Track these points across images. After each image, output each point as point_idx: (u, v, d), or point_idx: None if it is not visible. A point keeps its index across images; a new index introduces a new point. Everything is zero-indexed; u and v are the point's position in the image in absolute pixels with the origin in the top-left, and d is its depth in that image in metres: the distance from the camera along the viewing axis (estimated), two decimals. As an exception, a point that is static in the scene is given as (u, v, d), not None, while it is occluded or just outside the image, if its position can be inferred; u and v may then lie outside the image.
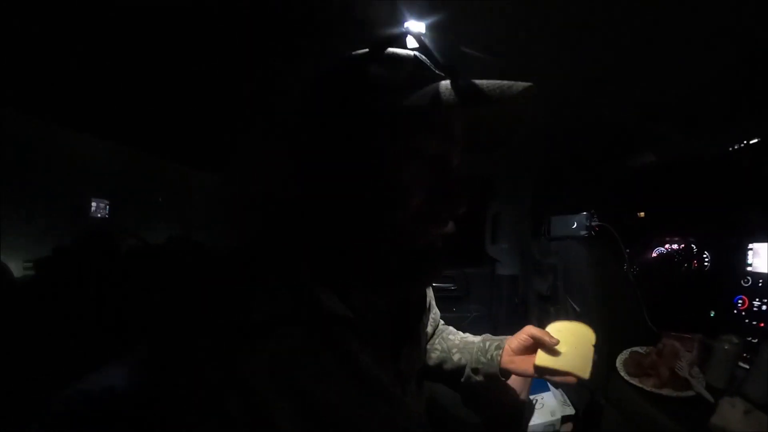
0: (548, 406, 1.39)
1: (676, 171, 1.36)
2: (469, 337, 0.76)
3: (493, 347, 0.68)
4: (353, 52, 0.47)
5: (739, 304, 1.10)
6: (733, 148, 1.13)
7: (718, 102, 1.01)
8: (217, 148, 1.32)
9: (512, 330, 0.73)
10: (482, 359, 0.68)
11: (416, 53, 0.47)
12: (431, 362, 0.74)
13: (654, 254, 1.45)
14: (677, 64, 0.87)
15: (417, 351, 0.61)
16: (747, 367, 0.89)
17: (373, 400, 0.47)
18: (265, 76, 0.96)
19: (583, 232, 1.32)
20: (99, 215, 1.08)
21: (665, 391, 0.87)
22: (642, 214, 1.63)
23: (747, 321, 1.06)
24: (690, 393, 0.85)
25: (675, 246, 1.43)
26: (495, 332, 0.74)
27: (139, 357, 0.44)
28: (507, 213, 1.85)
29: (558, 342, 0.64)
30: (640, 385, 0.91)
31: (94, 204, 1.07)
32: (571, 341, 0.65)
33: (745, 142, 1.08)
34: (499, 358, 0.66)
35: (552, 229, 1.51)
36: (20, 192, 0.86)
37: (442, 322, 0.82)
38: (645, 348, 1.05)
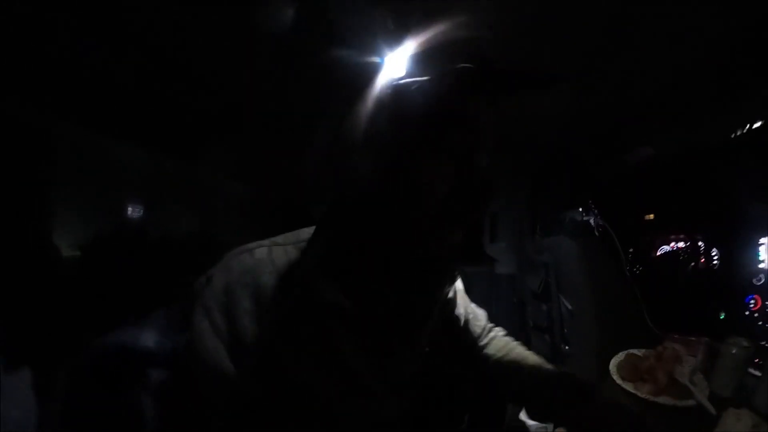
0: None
1: (677, 164, 1.24)
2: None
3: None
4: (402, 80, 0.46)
5: (751, 305, 0.98)
6: (735, 134, 1.01)
7: (717, 86, 0.91)
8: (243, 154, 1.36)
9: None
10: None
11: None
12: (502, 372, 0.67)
13: (658, 253, 1.33)
14: (669, 47, 0.79)
15: (415, 355, 0.59)
16: (758, 374, 0.77)
17: (347, 388, 0.48)
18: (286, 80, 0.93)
19: (575, 229, 1.21)
20: (134, 215, 1.32)
21: (662, 399, 0.76)
22: (651, 216, 1.51)
23: (760, 323, 0.94)
24: (690, 402, 0.74)
25: (681, 244, 1.31)
26: None
27: (156, 324, 0.50)
28: (505, 212, 1.79)
29: None
30: (634, 392, 0.80)
31: (129, 208, 1.30)
32: None
33: (748, 126, 0.96)
34: None
35: (544, 227, 1.41)
36: (73, 193, 1.05)
37: (509, 339, 0.73)
38: (643, 350, 0.94)
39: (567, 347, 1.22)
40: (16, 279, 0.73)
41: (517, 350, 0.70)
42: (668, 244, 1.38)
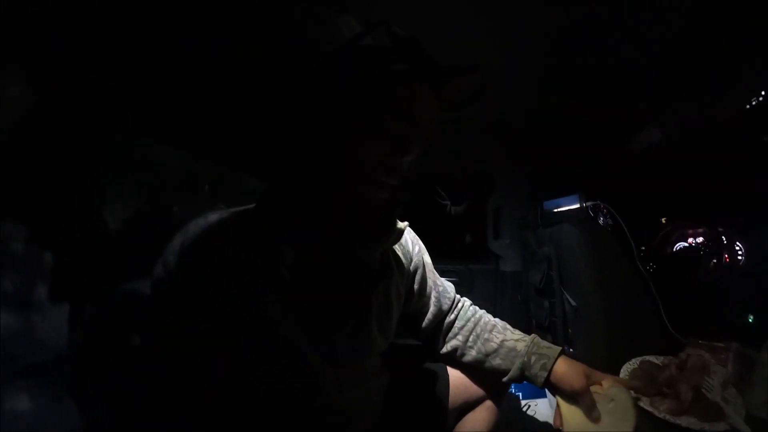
0: (542, 413, 1.17)
1: (689, 145, 1.06)
2: (510, 341, 0.68)
3: (538, 366, 0.63)
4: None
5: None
6: (750, 104, 0.83)
7: (723, 50, 0.76)
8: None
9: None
10: (526, 374, 0.65)
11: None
12: (466, 360, 0.71)
13: (674, 249, 1.17)
14: (667, 14, 0.69)
15: (366, 332, 0.56)
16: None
17: (280, 362, 0.48)
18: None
19: (575, 214, 1.06)
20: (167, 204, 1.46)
21: (685, 421, 0.60)
22: (664, 220, 1.35)
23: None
24: (722, 426, 0.58)
25: (700, 239, 1.15)
26: None
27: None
28: (508, 207, 1.69)
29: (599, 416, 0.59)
30: (651, 409, 0.64)
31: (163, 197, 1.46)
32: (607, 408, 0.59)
33: (764, 93, 0.79)
34: (542, 379, 0.63)
35: (545, 215, 1.27)
36: (120, 187, 1.21)
37: (466, 304, 0.76)
38: (661, 358, 0.77)
39: (571, 349, 1.06)
40: (71, 244, 0.87)
41: (483, 320, 0.72)
42: (686, 239, 1.22)
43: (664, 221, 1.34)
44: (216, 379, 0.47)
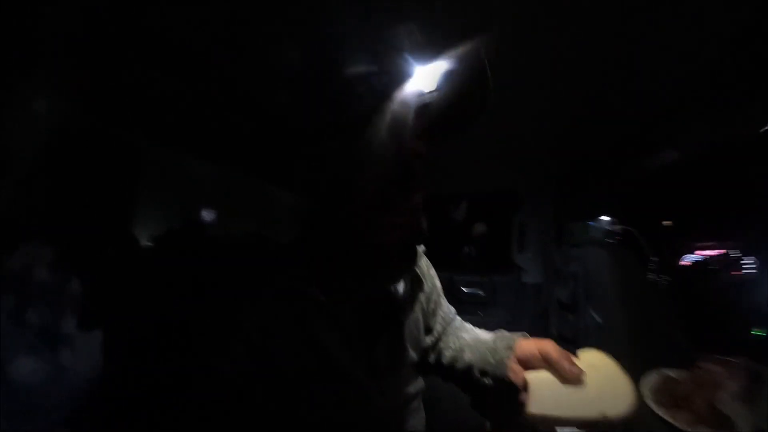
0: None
1: (704, 165, 1.10)
2: (482, 335, 0.69)
3: (502, 347, 0.59)
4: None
5: (796, 323, 0.85)
6: (765, 128, 0.87)
7: (739, 74, 0.78)
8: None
9: (534, 337, 0.62)
10: (490, 360, 0.59)
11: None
12: (445, 361, 0.69)
13: (685, 262, 1.20)
14: (684, 37, 0.68)
15: (401, 345, 0.59)
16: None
17: (331, 379, 0.49)
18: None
19: (604, 238, 1.11)
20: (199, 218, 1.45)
21: (701, 430, 0.67)
22: (668, 222, 1.37)
23: (807, 343, 0.82)
24: (733, 437, 0.64)
25: (710, 252, 1.18)
26: None
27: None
28: (531, 222, 1.72)
29: (581, 374, 0.46)
30: (671, 420, 0.70)
31: (195, 211, 1.44)
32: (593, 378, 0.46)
33: None
34: (508, 360, 0.56)
35: (573, 236, 1.32)
36: (150, 195, 1.19)
37: (458, 319, 0.77)
38: (678, 371, 0.83)
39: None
40: (103, 257, 0.85)
41: (464, 325, 0.75)
42: (694, 252, 1.25)
43: (669, 224, 1.37)
44: (276, 397, 0.48)
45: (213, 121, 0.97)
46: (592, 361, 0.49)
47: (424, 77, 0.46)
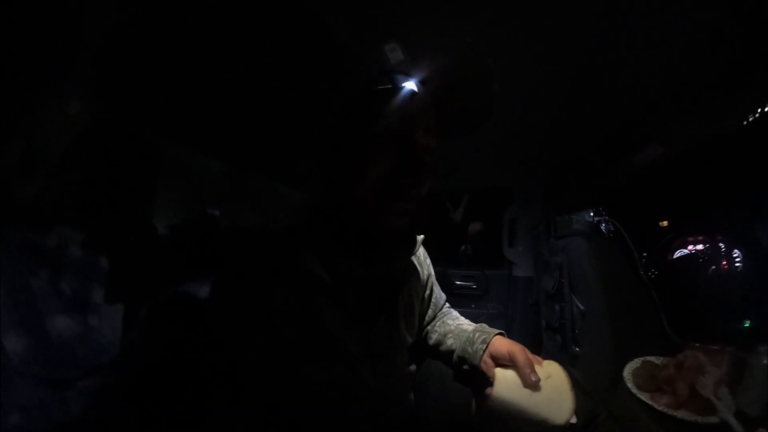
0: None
1: (689, 158, 1.09)
2: (464, 325, 0.73)
3: (479, 341, 0.64)
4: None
5: (780, 312, 0.84)
6: (748, 120, 0.86)
7: (722, 67, 0.77)
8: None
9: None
10: (468, 350, 0.65)
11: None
12: (430, 342, 0.74)
13: (674, 257, 1.19)
14: (667, 30, 0.69)
15: (396, 329, 0.61)
16: (792, 390, 0.65)
17: (328, 357, 0.51)
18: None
19: (587, 228, 1.11)
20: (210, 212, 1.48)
21: (681, 414, 0.66)
22: (665, 223, 1.36)
23: (791, 332, 0.81)
24: (713, 419, 0.63)
25: (699, 246, 1.17)
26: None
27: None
28: (522, 218, 1.75)
29: (538, 382, 0.52)
30: (651, 403, 0.69)
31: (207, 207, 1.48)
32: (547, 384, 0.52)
33: (760, 110, 0.82)
34: (481, 352, 0.62)
35: (558, 228, 1.31)
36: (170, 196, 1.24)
37: (447, 305, 0.81)
38: (661, 358, 0.82)
39: (578, 348, 1.11)
40: (128, 246, 0.89)
41: (450, 313, 0.78)
42: (685, 247, 1.24)
43: (665, 224, 1.36)
44: (274, 368, 0.49)
45: (226, 116, 1.03)
46: (550, 371, 0.54)
47: (431, 78, 0.51)
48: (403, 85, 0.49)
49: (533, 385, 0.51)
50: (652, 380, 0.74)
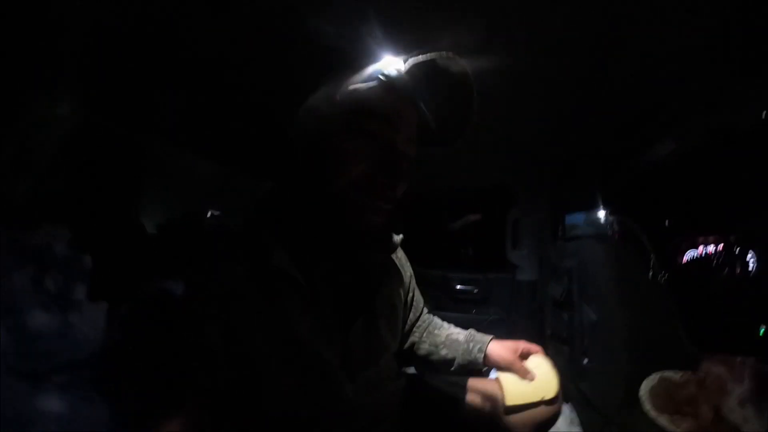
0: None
1: (702, 155, 1.03)
2: (453, 334, 0.74)
3: (475, 350, 0.69)
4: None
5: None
6: (766, 114, 0.80)
7: (735, 59, 0.73)
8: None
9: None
10: (467, 358, 0.69)
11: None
12: (420, 353, 0.74)
13: (684, 258, 1.14)
14: (679, 25, 0.65)
15: (376, 333, 0.57)
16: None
17: (301, 365, 0.47)
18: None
19: (600, 231, 1.04)
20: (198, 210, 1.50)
21: (707, 441, 0.60)
22: (667, 222, 1.30)
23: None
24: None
25: (711, 247, 1.12)
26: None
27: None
28: (526, 219, 1.66)
29: (531, 372, 0.66)
30: (672, 428, 0.64)
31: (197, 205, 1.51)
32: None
33: None
34: (480, 360, 0.68)
35: (567, 229, 1.24)
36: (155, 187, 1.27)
37: (425, 310, 0.78)
38: (680, 373, 0.76)
39: (587, 361, 1.05)
40: (111, 245, 0.90)
41: (434, 321, 0.77)
42: (695, 248, 1.18)
43: (682, 225, 1.30)
44: (243, 382, 0.46)
45: (208, 118, 1.03)
46: (537, 362, 0.69)
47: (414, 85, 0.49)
48: (388, 83, 0.48)
49: (530, 376, 0.66)
50: (671, 401, 0.69)
